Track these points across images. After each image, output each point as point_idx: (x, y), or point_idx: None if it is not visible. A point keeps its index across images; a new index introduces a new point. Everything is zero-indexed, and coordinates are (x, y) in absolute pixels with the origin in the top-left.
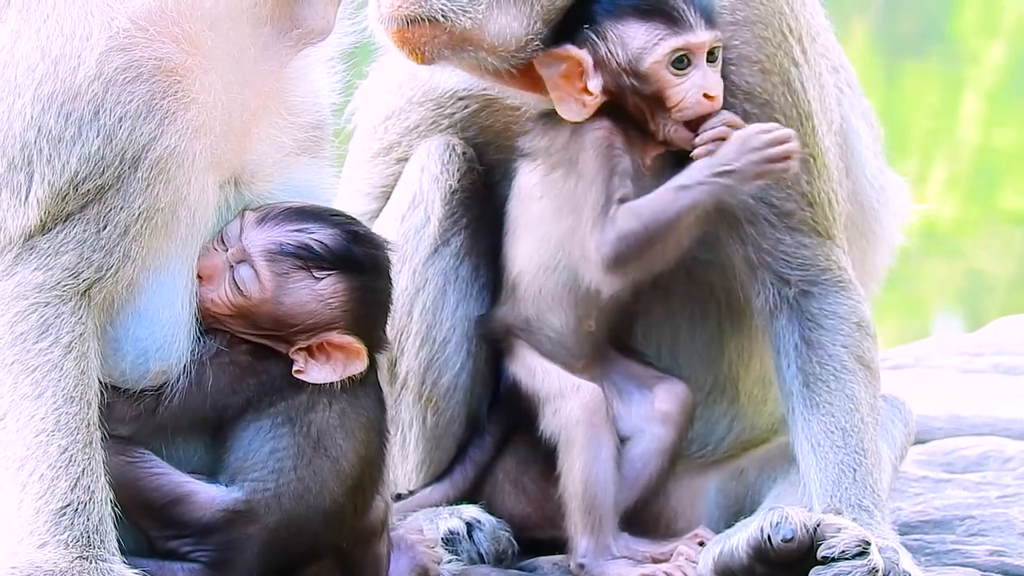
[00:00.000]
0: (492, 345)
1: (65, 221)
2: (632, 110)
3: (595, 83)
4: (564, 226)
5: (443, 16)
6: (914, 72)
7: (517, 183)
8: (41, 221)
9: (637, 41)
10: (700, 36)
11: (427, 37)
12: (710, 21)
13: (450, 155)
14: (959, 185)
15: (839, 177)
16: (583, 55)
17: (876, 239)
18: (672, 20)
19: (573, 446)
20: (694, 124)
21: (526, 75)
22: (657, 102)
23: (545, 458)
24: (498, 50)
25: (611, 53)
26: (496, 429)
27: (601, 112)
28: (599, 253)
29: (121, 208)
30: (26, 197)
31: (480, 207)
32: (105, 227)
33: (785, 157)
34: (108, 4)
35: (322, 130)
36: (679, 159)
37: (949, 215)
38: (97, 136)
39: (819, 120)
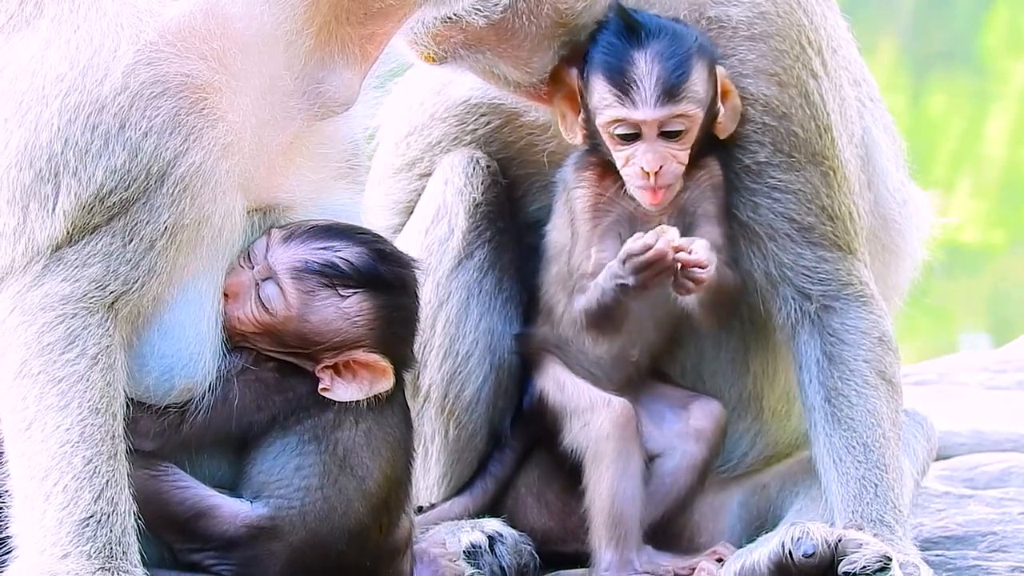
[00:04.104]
0: (522, 360)
1: (92, 233)
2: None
3: (582, 114)
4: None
5: (454, 13)
6: (941, 88)
7: (553, 210)
8: (68, 233)
9: (595, 97)
10: (643, 114)
11: (440, 36)
12: (670, 98)
13: (474, 168)
14: (986, 201)
15: (860, 190)
16: (578, 85)
17: (899, 252)
18: (623, 90)
19: (602, 460)
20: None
21: (541, 88)
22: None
23: (568, 472)
24: (512, 57)
25: (584, 97)
26: (518, 444)
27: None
28: (578, 321)
29: (147, 222)
30: (53, 208)
31: (504, 220)
32: (131, 240)
33: (665, 269)
34: (138, 17)
35: (358, 156)
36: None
37: (976, 231)
38: (123, 150)
39: (839, 132)
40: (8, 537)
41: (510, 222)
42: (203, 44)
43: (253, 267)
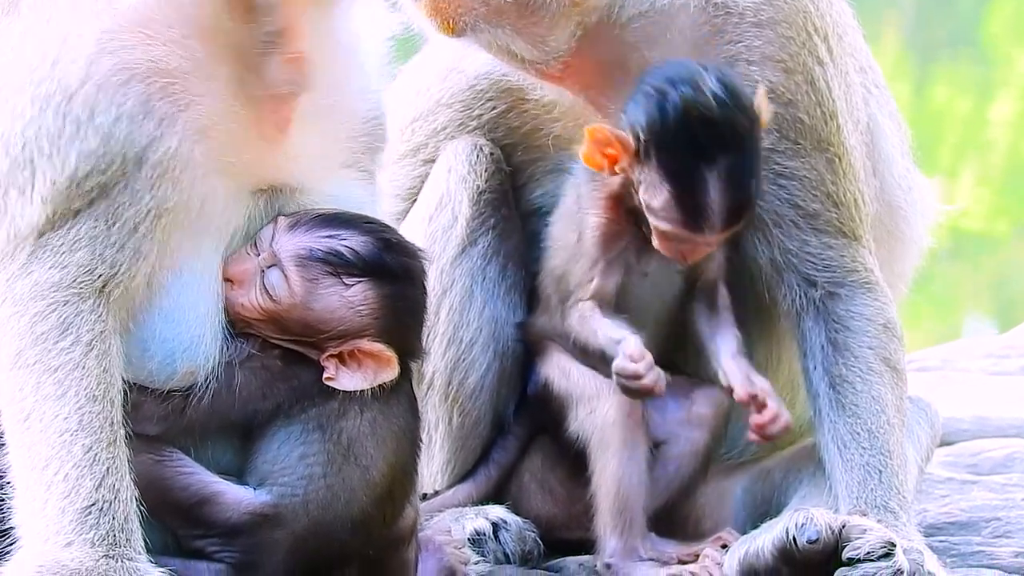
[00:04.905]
0: (525, 347)
1: (75, 218)
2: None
3: (623, 163)
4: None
5: None
6: (945, 77)
7: (560, 201)
8: (49, 218)
9: (656, 201)
10: (707, 239)
11: (465, 6)
12: (735, 222)
13: (477, 156)
14: (990, 187)
15: (865, 177)
16: (627, 146)
17: (904, 239)
18: (691, 216)
19: (608, 447)
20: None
21: (553, 67)
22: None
23: (572, 459)
24: (529, 34)
25: (637, 179)
26: (521, 431)
27: (620, 183)
28: (567, 326)
29: (129, 205)
30: (31, 194)
31: (507, 208)
32: (114, 224)
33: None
34: (98, 7)
35: (372, 142)
36: None
37: (980, 218)
38: (95, 135)
39: (844, 119)
40: (11, 528)
41: (514, 209)
42: (165, 30)
43: (259, 254)
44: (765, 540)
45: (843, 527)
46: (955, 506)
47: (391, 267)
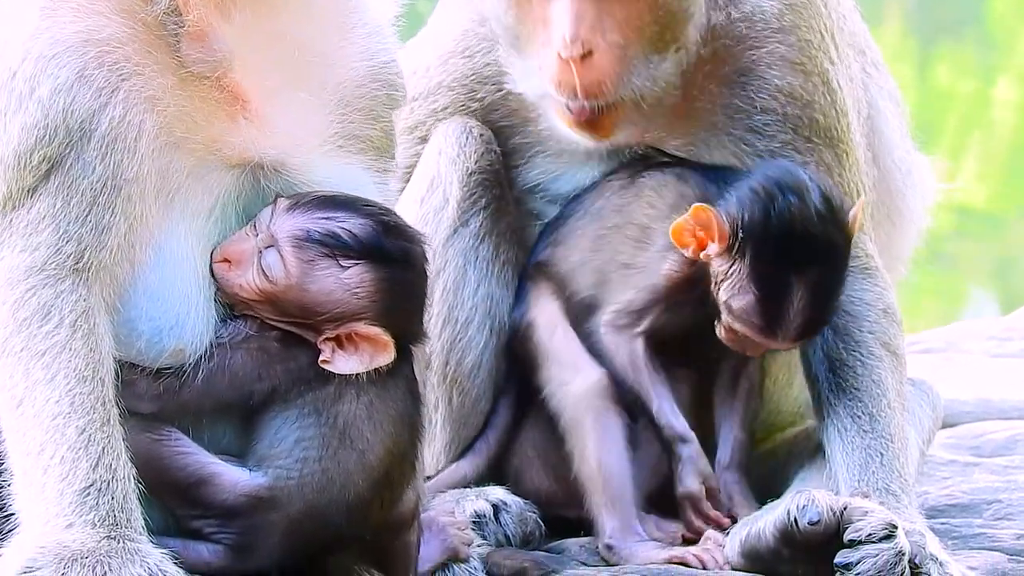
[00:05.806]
0: (520, 281)
1: (33, 196)
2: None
3: (710, 250)
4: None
5: (639, 94)
6: (948, 58)
7: (608, 184)
8: (6, 197)
9: (738, 303)
10: (779, 345)
11: (617, 119)
12: (809, 334)
13: (467, 137)
14: (993, 169)
15: (867, 167)
16: (724, 237)
17: (903, 221)
18: (770, 324)
19: (581, 424)
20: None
21: None
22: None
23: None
24: (669, 108)
25: (722, 272)
26: (513, 393)
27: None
28: (601, 336)
29: (82, 176)
30: None
31: (500, 188)
32: (72, 198)
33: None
34: None
35: (375, 101)
36: None
37: (983, 200)
38: (36, 108)
39: (852, 116)
40: (11, 514)
41: (507, 190)
42: (89, 3)
43: (257, 235)
44: (767, 521)
45: (845, 509)
46: (957, 488)
47: (389, 250)
